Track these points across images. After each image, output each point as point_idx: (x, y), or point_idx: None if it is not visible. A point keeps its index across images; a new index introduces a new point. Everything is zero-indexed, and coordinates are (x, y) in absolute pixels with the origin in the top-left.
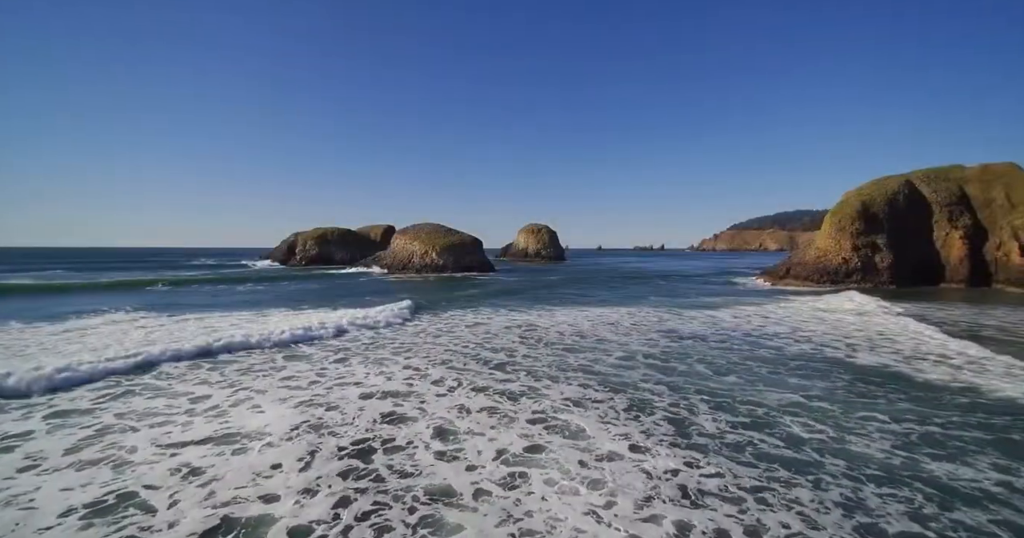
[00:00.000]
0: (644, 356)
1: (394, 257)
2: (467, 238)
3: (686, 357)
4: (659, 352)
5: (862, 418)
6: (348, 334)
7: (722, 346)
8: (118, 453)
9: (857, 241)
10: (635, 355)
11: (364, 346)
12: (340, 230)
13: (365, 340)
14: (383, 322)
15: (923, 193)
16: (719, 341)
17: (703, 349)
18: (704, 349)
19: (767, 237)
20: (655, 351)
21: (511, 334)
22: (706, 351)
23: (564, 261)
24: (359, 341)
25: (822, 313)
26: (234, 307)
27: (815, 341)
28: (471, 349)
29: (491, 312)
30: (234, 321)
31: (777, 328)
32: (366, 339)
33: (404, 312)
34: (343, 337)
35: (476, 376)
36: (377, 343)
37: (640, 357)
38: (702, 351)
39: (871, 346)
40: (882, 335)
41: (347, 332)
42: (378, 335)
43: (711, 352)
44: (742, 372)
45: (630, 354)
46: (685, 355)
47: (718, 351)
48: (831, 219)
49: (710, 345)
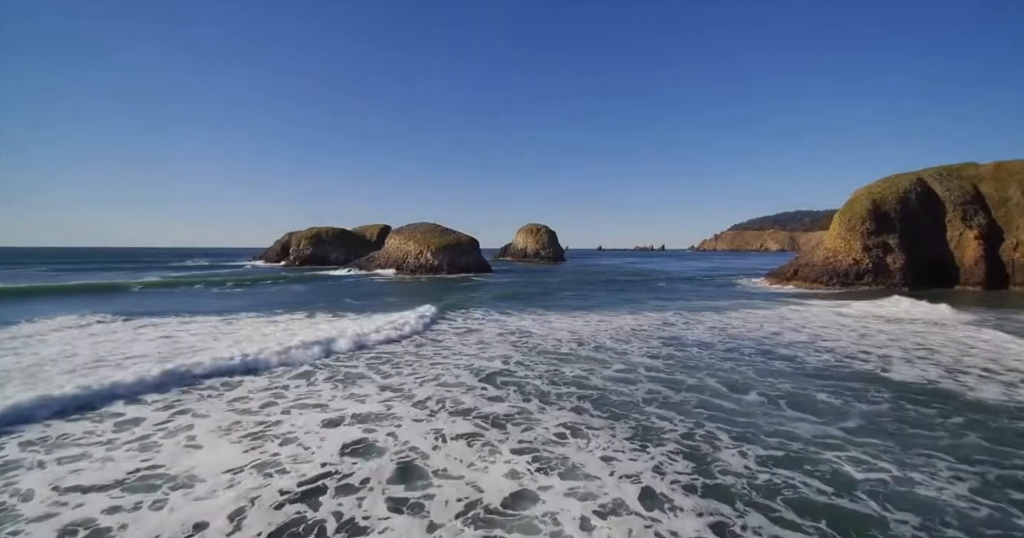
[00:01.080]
0: (647, 369)
1: (388, 257)
2: (463, 238)
3: (694, 369)
4: (663, 364)
5: (922, 453)
6: (313, 350)
7: (733, 356)
8: (9, 502)
9: (868, 241)
10: (636, 367)
11: (336, 359)
12: (335, 230)
13: (337, 355)
14: (361, 336)
15: (936, 191)
16: (729, 350)
17: (712, 360)
18: (714, 360)
19: (768, 237)
20: (658, 363)
21: (504, 343)
22: (716, 363)
23: (564, 262)
24: (333, 355)
25: (843, 318)
26: (201, 313)
27: (839, 351)
28: (460, 361)
29: (484, 317)
30: (195, 332)
31: (793, 336)
32: (339, 354)
33: (391, 326)
34: (310, 352)
35: (463, 394)
36: (352, 356)
37: (642, 370)
38: (711, 363)
39: (907, 358)
40: (921, 345)
41: (314, 349)
42: (353, 346)
43: (722, 364)
44: (762, 389)
45: (631, 366)
46: (693, 367)
47: (730, 363)
48: (840, 218)
49: (720, 355)
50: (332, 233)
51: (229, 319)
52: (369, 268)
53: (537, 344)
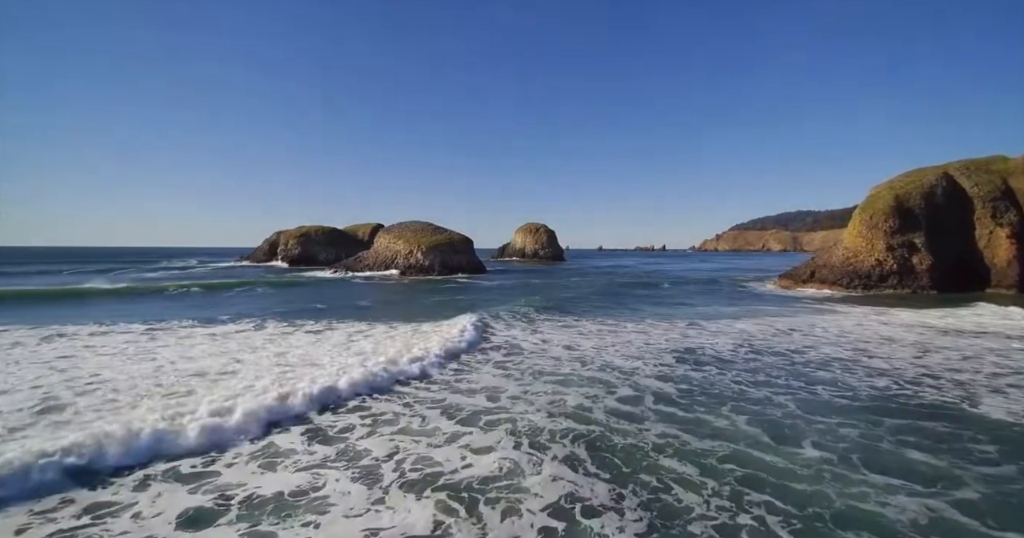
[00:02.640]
0: (655, 399)
1: (376, 257)
2: (456, 237)
3: (717, 401)
4: (677, 391)
5: None
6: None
7: (763, 380)
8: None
9: (892, 240)
10: (644, 393)
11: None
12: (325, 229)
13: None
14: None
15: (963, 186)
16: (756, 371)
17: (739, 386)
18: (741, 386)
19: (770, 237)
20: (671, 389)
21: (488, 365)
22: (744, 390)
23: (563, 262)
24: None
25: (886, 327)
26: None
27: (896, 373)
28: (431, 395)
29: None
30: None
31: (832, 351)
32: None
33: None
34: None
35: (426, 446)
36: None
37: (649, 400)
38: (738, 390)
39: (993, 385)
40: (1007, 367)
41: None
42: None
43: (752, 392)
44: (817, 434)
45: (638, 391)
46: (715, 396)
47: (762, 390)
48: (861, 216)
49: (747, 378)
50: (322, 232)
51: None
52: (357, 268)
53: (531, 366)
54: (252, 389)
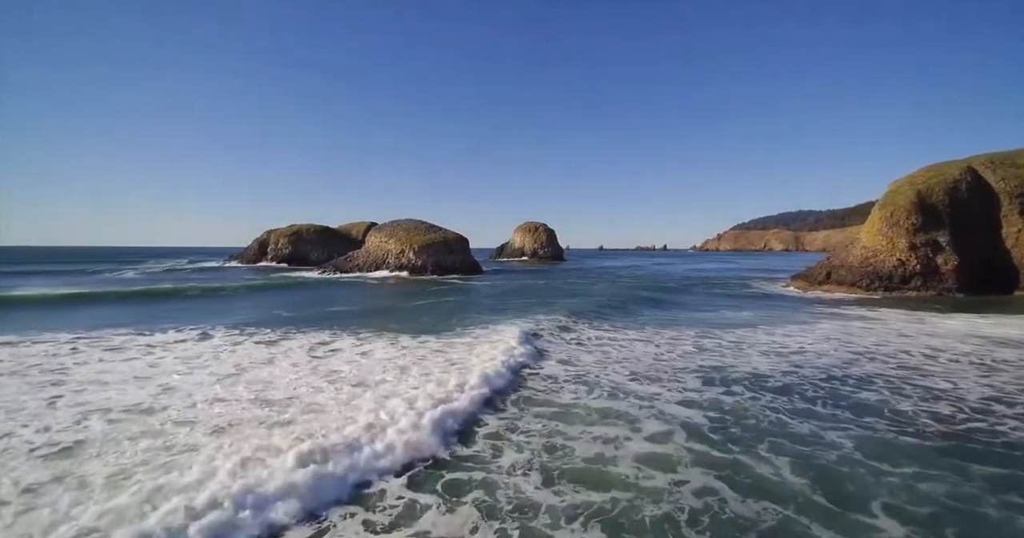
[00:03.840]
0: (690, 434)
1: (367, 257)
2: (450, 236)
3: (755, 436)
4: (707, 422)
5: None
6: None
7: (806, 408)
8: None
9: (915, 239)
10: (672, 428)
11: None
12: (317, 227)
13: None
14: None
15: (988, 181)
16: (796, 395)
17: (778, 415)
18: (781, 415)
19: (772, 237)
20: (701, 420)
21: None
22: (786, 421)
23: (563, 262)
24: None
25: (933, 339)
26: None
27: (960, 396)
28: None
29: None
30: None
31: (876, 368)
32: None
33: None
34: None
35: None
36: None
37: (682, 436)
38: (778, 420)
39: None
40: None
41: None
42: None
43: (795, 424)
44: (887, 494)
45: (665, 422)
46: (752, 430)
47: (808, 422)
48: (880, 213)
49: (786, 405)
50: (314, 231)
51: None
52: (347, 269)
53: (525, 391)
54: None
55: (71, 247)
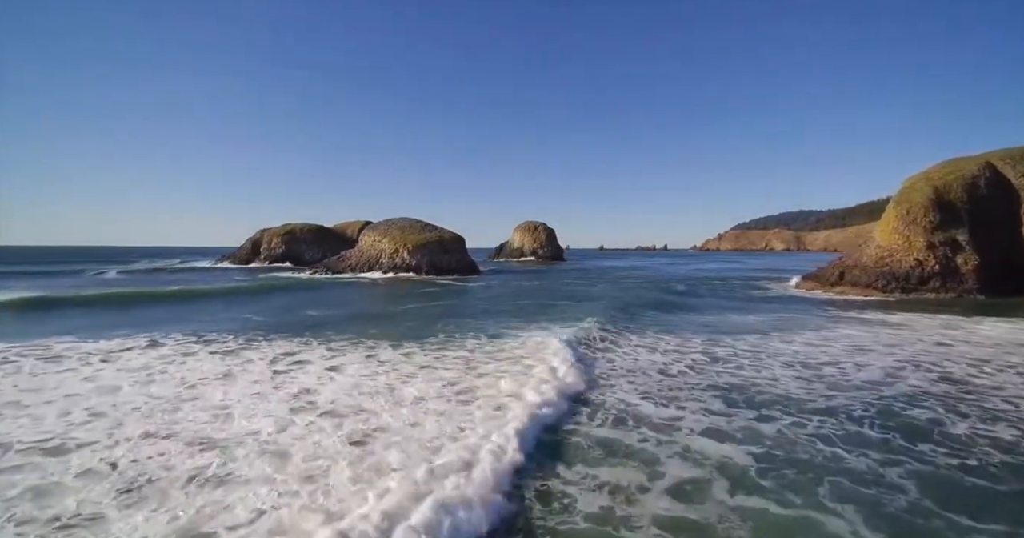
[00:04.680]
0: (732, 481)
1: (360, 257)
2: (446, 235)
3: (812, 478)
4: (749, 460)
5: None
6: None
7: (852, 430)
8: None
9: (933, 237)
10: (705, 467)
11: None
12: (311, 226)
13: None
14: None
15: (1008, 177)
16: (837, 418)
17: (829, 448)
18: (832, 448)
19: (772, 237)
20: (740, 459)
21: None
22: (838, 454)
23: (563, 262)
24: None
25: (977, 348)
26: None
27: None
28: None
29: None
30: None
31: (918, 380)
32: None
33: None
34: None
35: None
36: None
37: (720, 486)
38: (830, 455)
39: None
40: None
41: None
42: None
43: (850, 459)
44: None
45: (695, 464)
46: (804, 468)
47: (863, 457)
48: (896, 210)
49: (832, 430)
50: (308, 230)
51: None
52: (339, 269)
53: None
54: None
55: (69, 247)
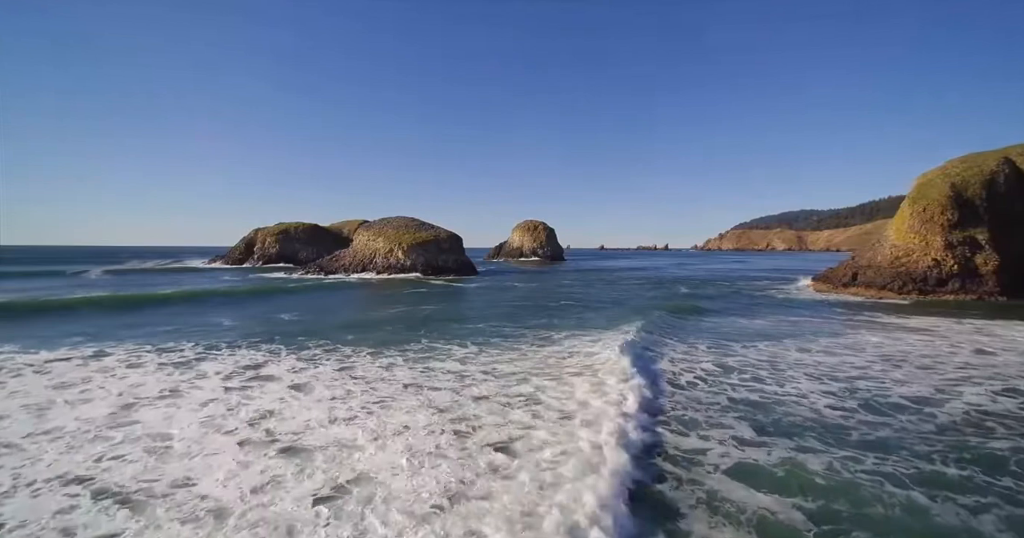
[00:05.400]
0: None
1: (354, 257)
2: (442, 234)
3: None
4: (802, 520)
5: None
6: None
7: (925, 470)
8: None
9: (951, 236)
10: (744, 519)
11: None
12: (306, 225)
13: None
14: None
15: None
16: (889, 449)
17: (903, 491)
18: (906, 491)
19: (774, 237)
20: (793, 517)
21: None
22: (913, 500)
23: (563, 262)
24: None
25: (1013, 355)
26: None
27: None
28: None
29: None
30: None
31: (975, 395)
32: None
33: None
34: None
35: None
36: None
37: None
38: (905, 500)
39: None
40: None
41: None
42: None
43: (934, 507)
44: None
45: (738, 521)
46: (877, 527)
47: (948, 502)
48: (912, 207)
49: (897, 467)
50: (302, 229)
51: None
52: (332, 269)
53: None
54: None
55: (70, 247)
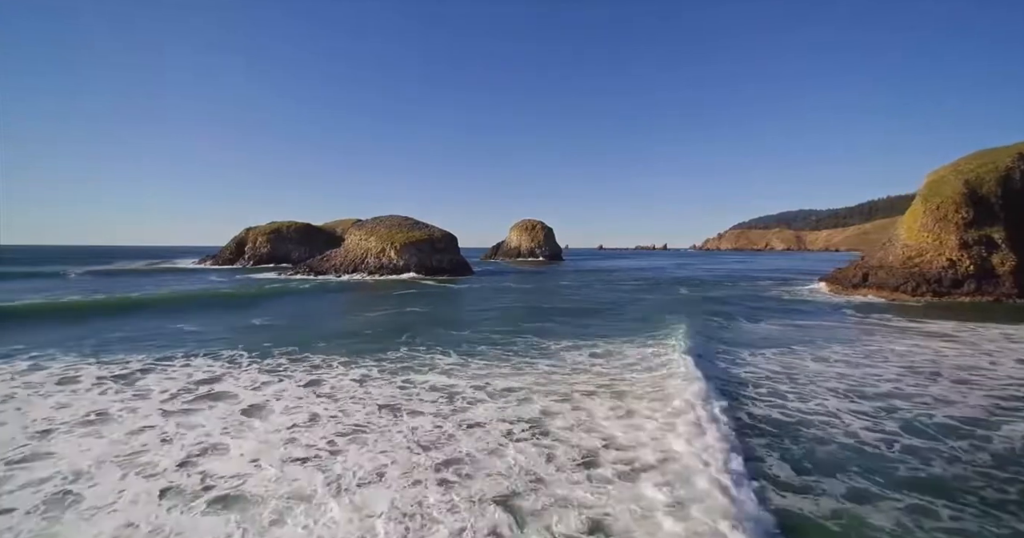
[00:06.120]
0: None
1: (345, 257)
2: (437, 233)
3: None
4: None
5: None
6: None
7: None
8: None
9: (966, 235)
10: None
11: None
12: (298, 224)
13: None
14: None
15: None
16: (992, 502)
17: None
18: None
19: (773, 236)
20: None
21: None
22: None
23: (561, 262)
24: None
25: None
26: None
27: None
28: None
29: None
30: None
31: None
32: None
33: None
34: None
35: None
36: None
37: None
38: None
39: None
40: None
41: None
42: None
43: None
44: None
45: None
46: None
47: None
48: (925, 205)
49: (986, 527)
50: (295, 228)
51: None
52: (322, 270)
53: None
54: None
55: (68, 247)
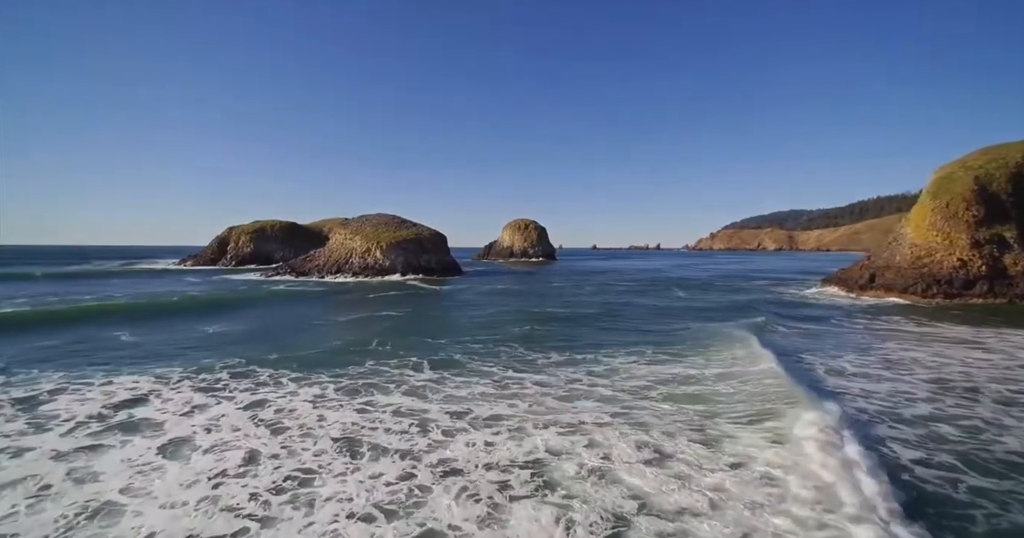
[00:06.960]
0: None
1: (329, 257)
2: (425, 232)
3: None
4: None
5: None
6: None
7: None
8: None
9: (977, 234)
10: None
11: None
12: (283, 223)
13: None
14: None
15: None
16: None
17: None
18: None
19: (765, 236)
20: None
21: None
22: None
23: (554, 262)
24: None
25: None
26: None
27: None
28: None
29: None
30: None
31: None
32: None
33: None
34: None
35: None
36: None
37: None
38: None
39: None
40: None
41: None
42: None
43: None
44: None
45: None
46: None
47: None
48: (934, 203)
49: None
50: (279, 228)
51: None
52: (305, 270)
53: None
54: None
55: (56, 247)
